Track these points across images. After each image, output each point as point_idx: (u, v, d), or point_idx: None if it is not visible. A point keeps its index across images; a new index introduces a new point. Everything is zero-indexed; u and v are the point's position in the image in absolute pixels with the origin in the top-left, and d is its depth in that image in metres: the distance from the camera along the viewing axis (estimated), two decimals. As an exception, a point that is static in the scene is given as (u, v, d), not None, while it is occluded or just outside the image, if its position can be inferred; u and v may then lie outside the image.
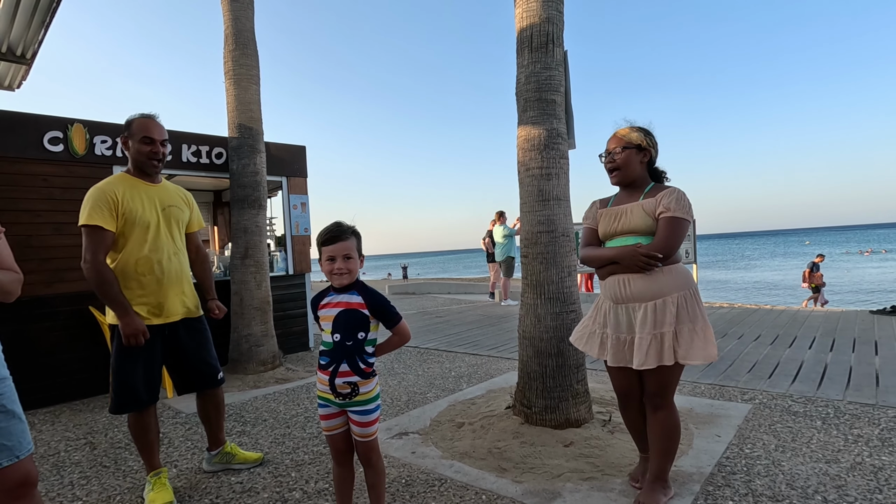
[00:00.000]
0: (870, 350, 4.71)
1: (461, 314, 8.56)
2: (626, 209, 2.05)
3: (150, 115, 2.37)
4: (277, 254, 6.11)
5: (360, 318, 1.84)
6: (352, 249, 1.84)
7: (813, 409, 3.19)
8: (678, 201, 1.96)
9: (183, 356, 2.46)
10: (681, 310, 1.93)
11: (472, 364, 4.91)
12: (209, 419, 2.63)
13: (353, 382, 1.82)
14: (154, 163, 2.36)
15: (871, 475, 2.29)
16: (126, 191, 2.29)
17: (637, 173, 2.10)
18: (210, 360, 2.54)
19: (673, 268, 1.97)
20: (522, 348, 3.09)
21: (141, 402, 2.31)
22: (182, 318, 2.44)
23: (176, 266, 2.42)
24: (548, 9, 2.96)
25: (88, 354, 4.24)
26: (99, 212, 2.19)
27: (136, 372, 2.29)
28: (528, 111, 3.00)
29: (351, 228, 1.88)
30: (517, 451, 2.64)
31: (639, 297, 1.98)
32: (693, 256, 9.85)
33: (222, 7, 4.92)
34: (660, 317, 1.93)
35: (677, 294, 1.94)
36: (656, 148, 2.13)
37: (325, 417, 1.92)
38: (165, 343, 2.40)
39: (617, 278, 2.04)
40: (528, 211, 3.05)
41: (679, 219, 1.93)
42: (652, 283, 1.95)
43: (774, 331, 5.83)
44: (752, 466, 2.43)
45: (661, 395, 2.01)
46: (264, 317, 4.88)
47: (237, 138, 4.88)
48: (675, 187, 2.04)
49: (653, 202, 1.99)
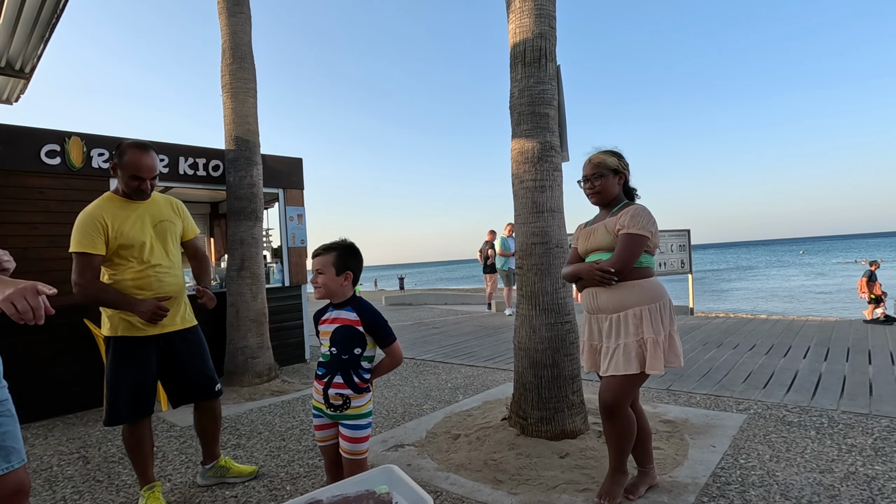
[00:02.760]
0: (863, 359, 4.73)
1: (458, 325, 8.56)
2: (595, 228, 2.23)
3: (142, 146, 2.28)
4: (274, 265, 6.11)
5: (354, 335, 1.89)
6: (323, 265, 1.91)
7: (807, 419, 3.21)
8: (633, 218, 2.08)
9: (179, 366, 2.45)
10: (644, 322, 2.05)
11: (468, 375, 4.91)
12: (205, 432, 2.62)
13: (346, 395, 1.87)
14: (141, 194, 2.36)
15: (865, 485, 2.30)
16: (116, 213, 2.29)
17: (614, 194, 2.26)
18: (206, 371, 2.54)
19: (638, 282, 2.10)
20: (518, 359, 3.10)
21: (135, 414, 2.30)
22: (177, 328, 2.44)
23: (171, 280, 2.43)
24: (540, 25, 3.02)
25: (83, 367, 4.22)
26: (88, 238, 2.21)
27: (131, 384, 2.29)
28: (522, 124, 3.05)
29: (332, 245, 1.95)
30: (513, 462, 2.63)
31: (605, 309, 2.15)
32: (688, 267, 9.92)
33: (220, 22, 4.99)
34: (623, 328, 2.08)
35: (640, 307, 2.06)
36: (628, 169, 2.30)
37: (319, 428, 1.99)
38: (161, 354, 2.40)
39: (588, 291, 2.22)
40: (522, 223, 3.08)
41: (633, 234, 2.06)
42: (614, 296, 2.11)
43: (770, 340, 5.85)
44: (746, 477, 2.44)
45: (617, 405, 2.10)
46: (260, 328, 4.88)
47: (234, 151, 4.92)
48: (637, 205, 2.18)
49: (614, 220, 2.15)
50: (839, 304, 20.53)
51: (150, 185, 2.35)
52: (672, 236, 9.73)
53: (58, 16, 3.91)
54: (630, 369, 2.04)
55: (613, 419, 2.12)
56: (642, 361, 2.05)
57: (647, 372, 2.04)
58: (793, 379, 4.16)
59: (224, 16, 4.95)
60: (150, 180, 2.34)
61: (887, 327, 6.53)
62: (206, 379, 2.53)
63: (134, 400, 2.29)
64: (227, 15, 4.94)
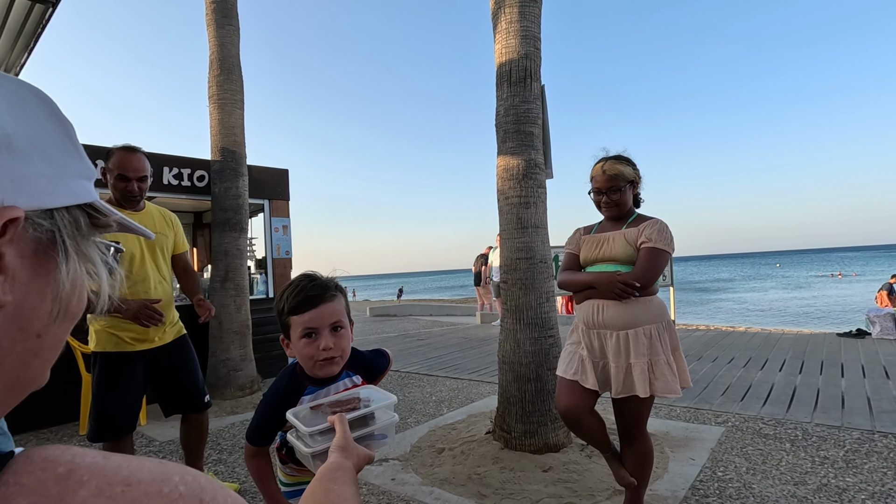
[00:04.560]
0: (836, 372, 4.87)
1: (443, 337, 8.56)
2: (609, 237, 2.08)
3: (130, 148, 2.29)
4: (258, 276, 6.06)
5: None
6: (342, 315, 1.21)
7: (783, 432, 3.29)
8: (660, 233, 1.99)
9: (167, 379, 2.44)
10: (654, 341, 1.94)
11: (452, 388, 4.91)
12: (191, 445, 2.59)
13: None
14: (129, 198, 2.32)
15: (836, 496, 2.38)
16: None
17: (629, 205, 2.14)
18: (196, 383, 2.53)
19: (648, 299, 2.00)
20: (502, 373, 3.13)
21: (121, 429, 2.28)
22: (166, 342, 2.43)
23: (160, 294, 2.42)
24: (526, 46, 3.11)
25: (59, 381, 4.11)
26: None
27: (117, 401, 2.26)
28: (507, 142, 3.12)
29: (333, 283, 1.25)
30: (496, 476, 2.65)
31: (611, 325, 1.99)
32: (670, 280, 10.10)
33: (208, 33, 4.99)
34: (632, 346, 1.95)
35: (649, 326, 1.95)
36: (640, 176, 2.17)
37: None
38: (148, 368, 2.39)
39: (591, 304, 2.05)
40: (507, 238, 3.13)
41: (660, 250, 1.96)
42: (625, 312, 1.97)
43: (747, 353, 5.99)
44: (724, 489, 2.50)
45: (637, 426, 2.05)
46: (243, 340, 4.83)
47: (220, 161, 4.90)
48: (658, 219, 2.07)
49: (635, 232, 2.03)
50: (816, 318, 21.04)
51: (137, 187, 2.30)
52: (653, 250, 9.93)
53: (43, 26, 3.89)
54: (653, 391, 1.92)
55: (635, 441, 2.04)
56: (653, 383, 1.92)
57: (660, 394, 1.91)
58: (769, 392, 4.27)
59: (212, 27, 4.96)
60: (138, 182, 2.29)
61: (859, 341, 6.73)
62: (195, 391, 2.51)
63: (120, 417, 2.27)
64: (216, 27, 4.95)
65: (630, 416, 2.04)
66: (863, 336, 7.03)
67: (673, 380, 1.92)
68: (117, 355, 2.29)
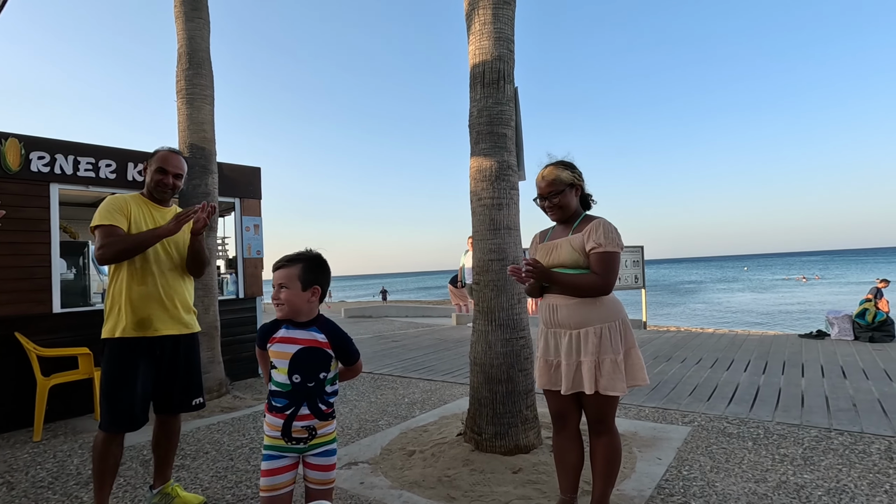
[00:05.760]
0: (797, 372, 5.05)
1: (417, 338, 8.53)
2: (556, 244, 2.14)
3: (173, 150, 2.52)
4: (228, 276, 5.91)
5: (322, 357, 1.72)
6: (287, 278, 1.70)
7: (745, 431, 3.38)
8: (606, 235, 2.02)
9: (171, 373, 2.39)
10: (603, 340, 1.97)
11: (426, 390, 4.89)
12: (163, 448, 2.49)
13: (312, 426, 1.68)
14: (162, 190, 2.47)
15: (795, 493, 2.45)
16: (140, 207, 2.43)
17: (573, 208, 2.19)
18: (193, 383, 2.48)
19: (600, 299, 2.02)
20: (473, 374, 3.12)
21: (135, 421, 2.26)
22: (172, 333, 2.39)
23: (168, 281, 2.40)
24: (499, 47, 3.12)
25: (13, 384, 3.93)
26: (113, 215, 2.30)
27: (130, 386, 2.24)
28: (481, 143, 3.12)
29: (299, 255, 1.74)
30: (467, 478, 2.64)
31: (564, 325, 2.05)
32: (642, 281, 10.30)
33: (177, 26, 4.85)
34: (583, 345, 1.99)
35: (600, 325, 1.99)
36: (583, 178, 2.22)
37: (271, 473, 1.67)
38: (153, 359, 2.35)
39: (547, 304, 2.12)
40: (479, 239, 3.13)
41: (610, 252, 2.01)
42: (577, 312, 2.02)
43: (715, 354, 6.15)
44: (688, 488, 2.54)
45: (602, 422, 2.07)
46: (211, 342, 4.70)
47: (188, 158, 4.74)
48: (601, 219, 2.11)
49: (580, 237, 2.07)
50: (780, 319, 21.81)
51: (172, 183, 2.47)
52: (626, 252, 10.11)
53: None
54: (598, 388, 1.96)
55: (601, 436, 2.07)
56: (598, 381, 1.96)
57: (604, 392, 1.95)
58: (734, 392, 4.38)
59: (181, 20, 4.82)
60: (174, 177, 2.47)
61: (819, 342, 7.00)
62: (192, 390, 2.47)
63: (131, 406, 2.24)
64: (185, 19, 4.81)
65: (593, 413, 2.07)
66: (822, 337, 7.31)
67: (619, 378, 1.95)
68: (128, 341, 2.28)
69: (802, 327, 13.09)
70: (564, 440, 2.18)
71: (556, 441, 2.22)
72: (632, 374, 2.00)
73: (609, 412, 2.06)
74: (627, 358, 2.00)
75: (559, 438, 2.20)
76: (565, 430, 2.18)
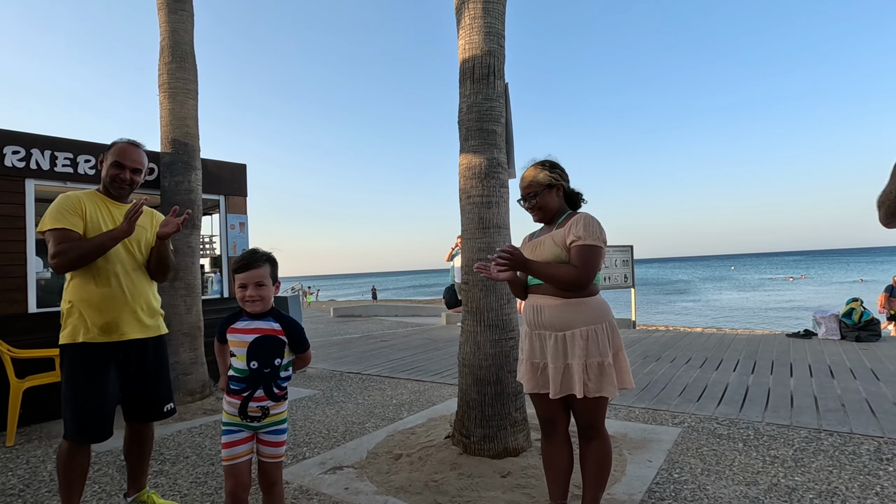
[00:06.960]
0: (785, 372, 5.05)
1: (407, 338, 8.45)
2: (540, 241, 2.10)
3: (132, 142, 2.36)
4: (212, 275, 5.79)
5: (276, 345, 1.89)
6: (264, 276, 1.88)
7: (735, 432, 3.35)
8: (586, 228, 1.96)
9: (140, 379, 2.29)
10: (591, 343, 1.93)
11: (414, 391, 4.82)
12: (136, 456, 2.40)
13: (266, 407, 1.88)
14: (118, 186, 2.31)
15: (787, 496, 2.42)
16: (96, 205, 2.27)
17: (555, 208, 2.15)
18: (161, 389, 2.37)
19: (585, 300, 1.98)
20: (462, 376, 3.06)
21: (102, 431, 2.14)
22: (139, 337, 2.28)
23: (133, 282, 2.27)
24: (489, 42, 3.05)
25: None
26: (66, 217, 2.14)
27: (98, 393, 2.13)
28: (470, 140, 3.05)
29: (266, 255, 1.93)
30: (454, 483, 2.58)
31: (549, 326, 2.00)
32: (631, 281, 10.31)
33: (159, 18, 4.72)
34: (570, 348, 1.94)
35: (587, 327, 1.94)
36: (565, 177, 2.17)
37: (230, 445, 1.89)
38: (119, 365, 2.23)
39: (531, 305, 2.08)
40: (469, 238, 3.06)
41: (590, 246, 1.94)
42: (562, 313, 1.97)
43: (704, 354, 6.15)
44: (679, 491, 2.50)
45: (592, 426, 2.02)
46: (194, 343, 4.58)
47: (171, 154, 4.64)
48: (583, 213, 2.06)
49: (562, 232, 2.02)
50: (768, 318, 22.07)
51: (130, 178, 2.31)
52: (616, 251, 10.11)
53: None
54: (587, 392, 1.91)
55: (591, 441, 2.02)
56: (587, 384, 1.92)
57: (592, 395, 1.91)
58: (723, 392, 4.37)
59: (164, 12, 4.69)
60: (131, 172, 2.30)
61: (806, 341, 7.04)
62: (161, 397, 2.37)
63: (101, 414, 2.13)
64: (168, 11, 4.68)
65: (582, 417, 2.02)
66: (809, 336, 7.35)
67: (609, 381, 1.91)
68: (89, 346, 2.15)
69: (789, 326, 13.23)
70: (553, 445, 2.13)
71: (544, 446, 2.17)
72: (619, 377, 1.96)
73: (599, 416, 2.01)
74: (615, 361, 1.96)
75: (548, 443, 2.15)
76: (554, 434, 2.13)
